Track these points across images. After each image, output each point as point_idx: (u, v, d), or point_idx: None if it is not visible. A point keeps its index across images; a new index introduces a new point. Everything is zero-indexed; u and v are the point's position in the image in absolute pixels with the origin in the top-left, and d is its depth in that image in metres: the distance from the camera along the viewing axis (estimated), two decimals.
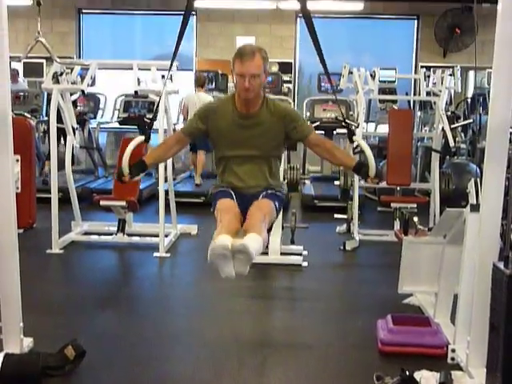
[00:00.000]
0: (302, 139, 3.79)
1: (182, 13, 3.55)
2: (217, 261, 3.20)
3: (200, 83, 9.79)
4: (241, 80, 3.53)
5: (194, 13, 12.21)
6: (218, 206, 3.61)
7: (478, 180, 3.69)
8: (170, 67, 3.71)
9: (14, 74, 10.29)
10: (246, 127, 3.67)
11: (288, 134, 3.74)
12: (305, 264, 6.14)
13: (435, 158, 7.63)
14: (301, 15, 3.04)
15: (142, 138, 3.90)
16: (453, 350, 3.80)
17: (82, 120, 9.75)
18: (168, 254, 6.48)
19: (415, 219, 4.89)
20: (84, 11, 13.02)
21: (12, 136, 3.33)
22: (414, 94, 11.74)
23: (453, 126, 8.12)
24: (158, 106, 4.96)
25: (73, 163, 7.73)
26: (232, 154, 3.73)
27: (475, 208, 3.58)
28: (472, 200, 3.71)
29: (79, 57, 12.93)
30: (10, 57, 3.26)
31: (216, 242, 3.21)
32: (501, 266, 3.05)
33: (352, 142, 3.72)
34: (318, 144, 3.81)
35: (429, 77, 9.30)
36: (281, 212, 4.00)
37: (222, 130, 3.72)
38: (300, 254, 6.34)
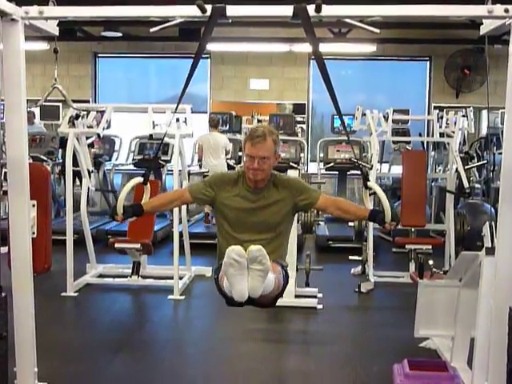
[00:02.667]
0: (311, 206, 3.77)
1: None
2: (230, 271, 3.07)
3: (213, 124, 10.00)
4: (250, 161, 3.54)
5: (208, 55, 12.39)
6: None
7: (493, 223, 3.66)
8: (176, 108, 3.69)
9: (30, 116, 10.42)
10: (254, 201, 3.65)
11: (297, 204, 3.71)
12: (320, 307, 6.11)
13: (450, 199, 7.62)
14: (313, 57, 3.07)
15: (140, 179, 3.72)
16: None
17: (97, 162, 9.84)
18: (182, 297, 6.48)
19: (430, 262, 4.85)
20: (100, 55, 13.24)
21: (29, 181, 3.35)
22: (428, 135, 11.75)
23: (467, 167, 8.11)
24: (161, 144, 4.78)
25: (88, 204, 7.76)
26: (239, 229, 3.65)
27: (490, 251, 3.55)
28: (487, 243, 3.68)
29: (95, 99, 13.12)
30: (27, 100, 3.29)
31: (232, 248, 3.11)
32: None
33: (367, 187, 3.69)
34: (328, 205, 3.78)
35: (442, 118, 9.29)
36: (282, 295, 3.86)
37: (229, 200, 3.67)
38: (315, 297, 6.32)
